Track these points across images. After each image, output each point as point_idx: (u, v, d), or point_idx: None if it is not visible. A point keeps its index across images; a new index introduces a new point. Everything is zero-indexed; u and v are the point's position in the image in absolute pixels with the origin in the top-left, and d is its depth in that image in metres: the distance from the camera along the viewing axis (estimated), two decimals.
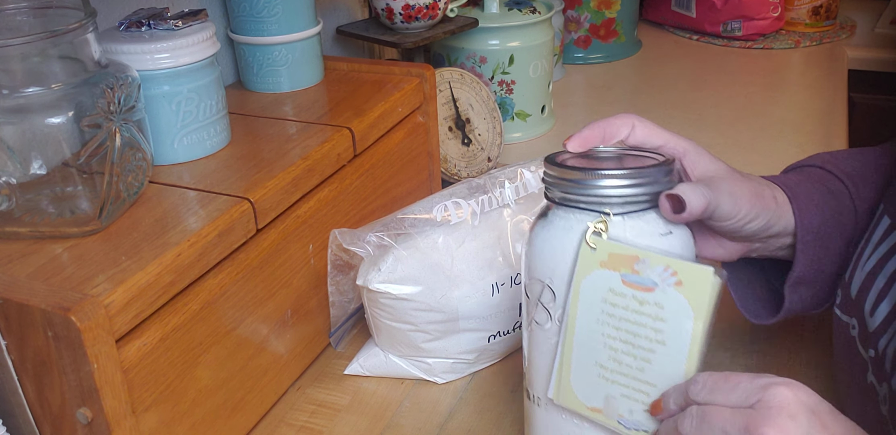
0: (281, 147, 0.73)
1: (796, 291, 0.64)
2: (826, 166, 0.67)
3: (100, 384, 0.51)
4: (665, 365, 0.50)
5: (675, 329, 0.49)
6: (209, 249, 0.60)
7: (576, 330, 0.53)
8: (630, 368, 0.51)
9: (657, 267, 0.49)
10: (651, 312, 0.50)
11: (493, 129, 1.06)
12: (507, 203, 0.74)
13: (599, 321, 0.52)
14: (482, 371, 0.75)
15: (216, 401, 0.63)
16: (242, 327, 0.65)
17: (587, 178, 0.51)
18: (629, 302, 0.50)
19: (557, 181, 0.53)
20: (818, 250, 0.63)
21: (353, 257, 0.73)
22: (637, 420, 0.51)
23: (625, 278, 0.50)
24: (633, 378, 0.51)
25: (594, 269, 0.51)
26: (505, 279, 0.71)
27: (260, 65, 0.86)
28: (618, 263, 0.50)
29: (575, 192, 0.52)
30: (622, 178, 0.51)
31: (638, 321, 0.50)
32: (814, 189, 0.63)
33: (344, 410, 0.71)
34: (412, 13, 0.99)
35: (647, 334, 0.50)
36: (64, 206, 0.58)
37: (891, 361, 0.53)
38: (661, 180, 0.53)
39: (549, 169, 0.54)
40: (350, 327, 0.79)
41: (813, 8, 1.53)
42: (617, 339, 0.51)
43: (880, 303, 0.56)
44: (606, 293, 0.51)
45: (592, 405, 0.53)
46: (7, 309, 0.51)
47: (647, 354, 0.50)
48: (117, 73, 0.60)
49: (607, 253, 0.51)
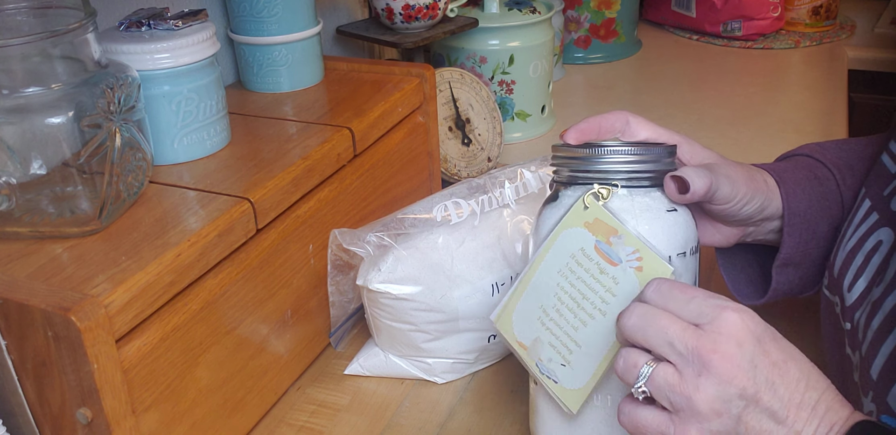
0: (281, 147, 0.73)
1: (783, 273, 0.67)
2: (814, 155, 0.69)
3: (100, 384, 0.51)
4: (597, 334, 0.53)
5: (619, 306, 0.51)
6: (209, 248, 0.60)
7: (537, 271, 0.56)
8: (567, 323, 0.54)
9: (628, 247, 0.52)
10: (606, 283, 0.53)
11: (493, 129, 1.06)
12: (507, 203, 0.74)
13: (560, 273, 0.55)
14: (482, 371, 0.75)
15: (216, 401, 0.63)
16: (242, 327, 0.65)
17: (595, 155, 0.55)
18: (592, 267, 0.53)
19: (567, 161, 0.56)
20: (804, 233, 0.66)
21: (353, 257, 0.73)
22: (551, 369, 0.55)
23: (598, 245, 0.53)
24: (565, 333, 0.54)
25: (577, 226, 0.54)
26: (505, 279, 0.71)
27: (260, 65, 0.86)
28: (599, 229, 0.53)
29: (583, 168, 0.55)
30: (628, 154, 0.54)
31: (592, 287, 0.53)
32: (801, 175, 0.66)
33: (344, 410, 0.71)
34: (412, 13, 0.99)
35: (594, 301, 0.53)
36: (64, 206, 0.58)
37: (863, 331, 0.56)
38: (664, 160, 0.56)
39: (558, 151, 0.57)
40: (350, 327, 0.79)
41: (813, 8, 1.53)
42: (567, 294, 0.54)
43: (857, 279, 0.58)
44: (577, 251, 0.54)
45: (521, 341, 0.57)
46: (7, 309, 0.51)
47: (586, 317, 0.53)
48: (117, 73, 0.60)
49: (594, 217, 0.54)
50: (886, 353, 0.52)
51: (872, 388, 0.53)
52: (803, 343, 0.76)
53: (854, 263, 0.59)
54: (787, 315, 0.80)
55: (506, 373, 0.75)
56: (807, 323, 0.79)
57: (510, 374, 0.75)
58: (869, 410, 0.53)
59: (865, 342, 0.55)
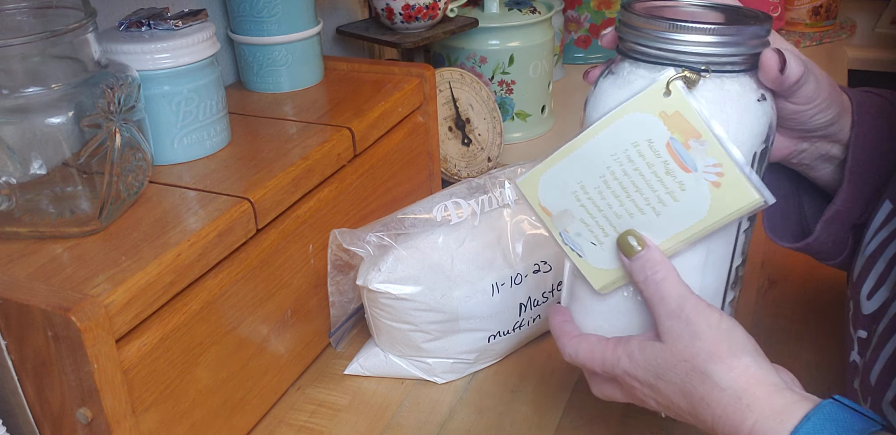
0: (281, 147, 0.73)
1: (827, 229, 0.62)
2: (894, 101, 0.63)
3: (100, 384, 0.51)
4: (642, 228, 0.50)
5: (677, 213, 0.48)
6: (209, 249, 0.60)
7: (584, 146, 0.50)
8: (609, 208, 0.50)
9: (710, 158, 0.46)
10: (670, 186, 0.47)
11: (493, 129, 1.06)
12: (507, 203, 0.74)
13: (615, 157, 0.48)
14: (482, 371, 0.75)
15: (216, 401, 0.63)
16: (242, 327, 0.65)
17: (682, 30, 0.45)
18: (657, 164, 0.47)
19: (641, 33, 0.46)
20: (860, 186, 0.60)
21: (353, 257, 0.73)
22: (577, 242, 0.52)
23: (672, 144, 0.46)
24: (605, 216, 0.50)
25: (650, 112, 0.46)
26: (505, 279, 0.71)
27: (260, 65, 0.86)
28: (678, 125, 0.46)
29: (664, 46, 0.46)
30: (722, 35, 0.45)
31: (651, 183, 0.48)
32: (878, 123, 0.60)
33: (344, 410, 0.71)
34: (412, 13, 0.99)
35: (650, 198, 0.48)
36: (64, 206, 0.58)
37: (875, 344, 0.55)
38: (761, 39, 0.47)
39: (634, 19, 0.47)
40: (350, 327, 0.79)
41: (813, 8, 1.53)
42: (618, 181, 0.49)
43: (879, 288, 0.56)
44: (642, 141, 0.47)
45: (546, 206, 0.53)
46: (7, 309, 0.51)
47: (634, 210, 0.49)
48: (117, 73, 0.60)
49: (675, 109, 0.46)
50: (885, 358, 0.52)
51: (871, 393, 0.52)
52: (802, 343, 0.76)
53: (875, 270, 0.57)
54: (787, 315, 0.80)
55: (506, 373, 0.75)
56: (807, 323, 0.79)
57: (510, 374, 0.75)
58: None
59: (869, 349, 0.54)
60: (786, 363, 0.73)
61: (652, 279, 0.49)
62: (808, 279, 0.85)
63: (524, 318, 0.74)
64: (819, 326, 0.78)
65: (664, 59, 0.46)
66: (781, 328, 0.78)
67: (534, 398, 0.71)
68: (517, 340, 0.75)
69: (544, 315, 0.75)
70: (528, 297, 0.73)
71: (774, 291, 0.84)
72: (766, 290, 0.84)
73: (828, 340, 0.76)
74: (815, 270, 0.86)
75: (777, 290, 0.84)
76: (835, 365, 0.72)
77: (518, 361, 0.76)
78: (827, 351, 0.75)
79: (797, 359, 0.74)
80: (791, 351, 0.75)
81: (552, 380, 0.74)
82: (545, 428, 0.68)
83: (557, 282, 0.74)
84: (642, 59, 0.47)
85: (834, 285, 0.81)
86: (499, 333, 0.73)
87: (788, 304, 0.82)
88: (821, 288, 0.83)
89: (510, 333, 0.74)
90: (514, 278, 0.71)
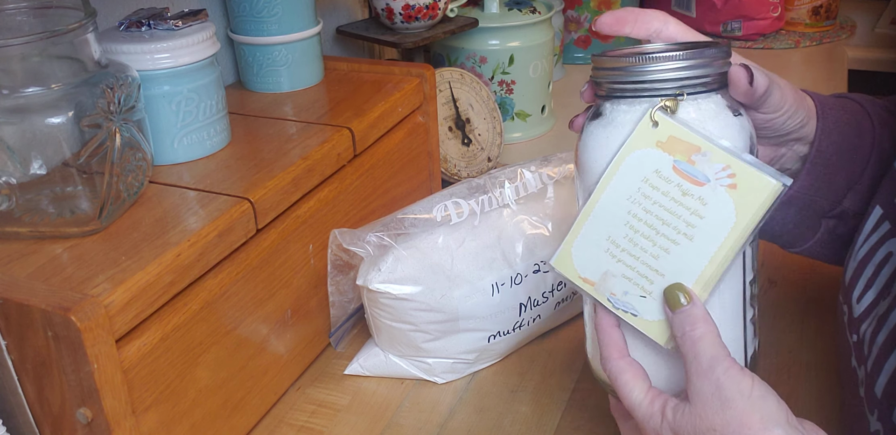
0: (281, 147, 0.73)
1: (783, 210, 0.64)
2: (866, 106, 0.66)
3: (100, 384, 0.51)
4: (684, 260, 0.49)
5: (709, 229, 0.48)
6: (209, 248, 0.60)
7: (599, 201, 0.51)
8: (644, 252, 0.50)
9: (717, 164, 0.47)
10: (691, 205, 0.48)
11: (493, 129, 1.06)
12: (507, 203, 0.74)
13: (631, 199, 0.50)
14: (482, 371, 0.75)
15: (216, 401, 0.63)
16: (242, 327, 0.65)
17: (649, 62, 0.48)
18: (672, 189, 0.49)
19: (615, 72, 0.49)
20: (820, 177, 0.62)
21: (353, 257, 0.73)
22: (628, 302, 0.51)
23: (677, 165, 0.48)
24: (643, 263, 0.50)
25: (647, 146, 0.49)
26: (505, 279, 0.71)
27: (260, 65, 0.86)
28: (676, 147, 0.48)
29: (635, 79, 0.49)
30: (687, 59, 0.48)
31: (673, 210, 0.49)
32: (844, 118, 0.63)
33: (344, 410, 0.71)
34: (412, 13, 0.99)
35: (678, 226, 0.49)
36: (64, 206, 0.58)
37: (868, 346, 0.54)
38: (724, 59, 0.50)
39: (602, 61, 0.50)
40: (350, 327, 0.79)
41: (813, 8, 1.53)
42: (642, 221, 0.50)
43: (867, 291, 0.57)
44: (651, 174, 0.49)
45: (586, 276, 0.52)
46: (7, 309, 0.51)
47: (668, 244, 0.49)
48: (117, 73, 0.60)
49: (668, 134, 0.48)
50: (890, 370, 0.51)
51: (877, 406, 0.52)
52: (802, 344, 0.76)
53: (864, 274, 0.58)
54: (787, 315, 0.80)
55: (506, 373, 0.75)
56: (807, 323, 0.79)
57: (510, 374, 0.75)
58: (875, 428, 0.52)
59: (871, 358, 0.54)
60: (786, 363, 0.74)
61: (689, 335, 0.48)
62: (808, 279, 0.85)
63: (524, 318, 0.74)
64: (819, 327, 0.78)
65: (641, 91, 0.49)
66: (781, 328, 0.78)
67: (534, 398, 0.71)
68: (517, 340, 0.75)
69: (544, 315, 0.75)
70: (528, 297, 0.73)
71: (774, 291, 0.84)
72: (766, 290, 0.84)
73: (828, 340, 0.76)
74: (815, 269, 0.86)
75: (777, 290, 0.84)
76: (834, 366, 0.72)
77: (518, 361, 0.76)
78: (827, 352, 0.75)
79: (797, 359, 0.74)
80: (791, 351, 0.75)
81: (552, 380, 0.74)
82: (545, 428, 0.68)
83: (557, 282, 0.74)
84: (621, 96, 0.50)
85: (834, 285, 0.81)
86: (499, 333, 0.73)
87: (788, 304, 0.82)
88: (821, 288, 0.83)
89: (510, 333, 0.74)
90: (514, 278, 0.71)
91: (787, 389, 0.70)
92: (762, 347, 0.76)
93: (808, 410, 0.67)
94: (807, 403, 0.69)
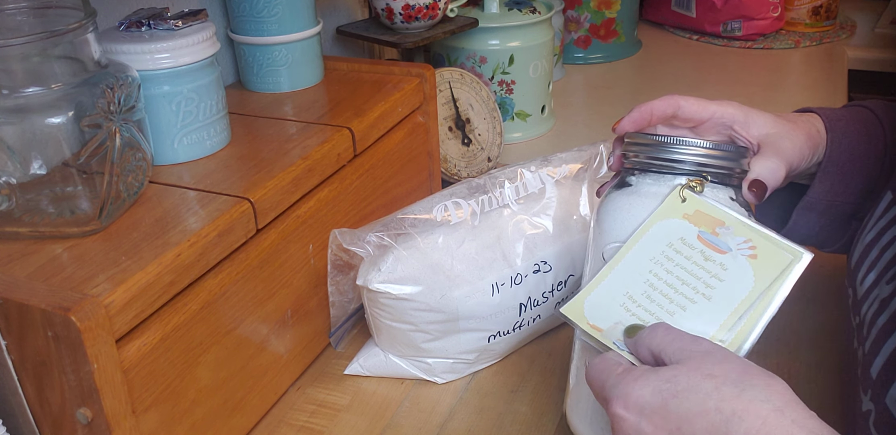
0: (281, 147, 0.73)
1: (804, 216, 0.68)
2: (876, 111, 0.70)
3: (100, 384, 0.51)
4: (699, 318, 0.52)
5: (727, 291, 0.51)
6: (209, 249, 0.60)
7: (623, 260, 0.55)
8: (660, 308, 0.53)
9: (738, 237, 0.52)
10: (712, 269, 0.52)
11: (493, 129, 1.06)
12: (507, 203, 0.74)
13: (654, 260, 0.54)
14: (482, 371, 0.75)
15: (216, 401, 0.63)
16: (242, 327, 0.65)
17: (679, 144, 0.55)
18: (694, 254, 0.53)
19: (649, 148, 0.56)
20: (836, 183, 0.67)
21: (353, 257, 0.73)
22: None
23: (702, 235, 0.53)
24: (657, 318, 0.53)
25: (675, 217, 0.54)
26: (505, 279, 0.71)
27: (260, 65, 0.86)
28: (702, 220, 0.53)
29: (665, 157, 0.55)
30: (712, 148, 0.55)
31: (694, 272, 0.53)
32: (853, 128, 0.67)
33: (344, 410, 0.71)
34: (412, 13, 0.99)
35: (697, 286, 0.52)
36: (64, 206, 0.58)
37: (868, 327, 0.56)
38: (742, 159, 0.57)
39: (641, 138, 0.57)
40: (350, 327, 0.79)
41: (813, 8, 1.53)
42: (662, 280, 0.53)
43: (869, 272, 0.59)
44: (676, 240, 0.54)
45: (594, 323, 0.55)
46: (7, 309, 0.51)
47: (685, 302, 0.52)
48: (117, 73, 0.60)
49: (695, 209, 0.54)
50: (888, 352, 0.52)
51: (871, 386, 0.53)
52: (802, 342, 0.76)
53: (869, 257, 0.59)
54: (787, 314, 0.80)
55: (506, 373, 0.75)
56: (807, 321, 0.79)
57: (510, 374, 0.75)
58: (867, 408, 0.53)
59: (869, 339, 0.55)
60: (786, 362, 0.74)
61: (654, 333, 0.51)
62: (809, 278, 0.85)
63: (524, 318, 0.74)
64: (819, 325, 0.78)
65: (669, 169, 0.56)
66: (781, 327, 0.78)
67: (534, 398, 0.71)
68: (517, 340, 0.75)
69: (544, 315, 0.75)
70: (528, 297, 0.73)
71: None
72: None
73: (828, 338, 0.76)
74: (815, 268, 0.85)
75: None
76: (835, 365, 0.72)
77: (518, 361, 0.76)
78: (827, 350, 0.75)
79: (797, 357, 0.74)
80: (791, 350, 0.75)
81: (552, 380, 0.74)
82: (545, 428, 0.68)
83: (557, 282, 0.74)
84: (648, 169, 0.57)
85: (835, 283, 0.81)
86: (499, 333, 0.73)
87: (789, 303, 0.82)
88: (821, 287, 0.83)
89: (510, 333, 0.74)
90: (514, 278, 0.71)
91: None
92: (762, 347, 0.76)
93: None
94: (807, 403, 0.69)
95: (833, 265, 0.79)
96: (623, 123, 0.61)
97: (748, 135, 0.63)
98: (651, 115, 0.61)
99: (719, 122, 0.64)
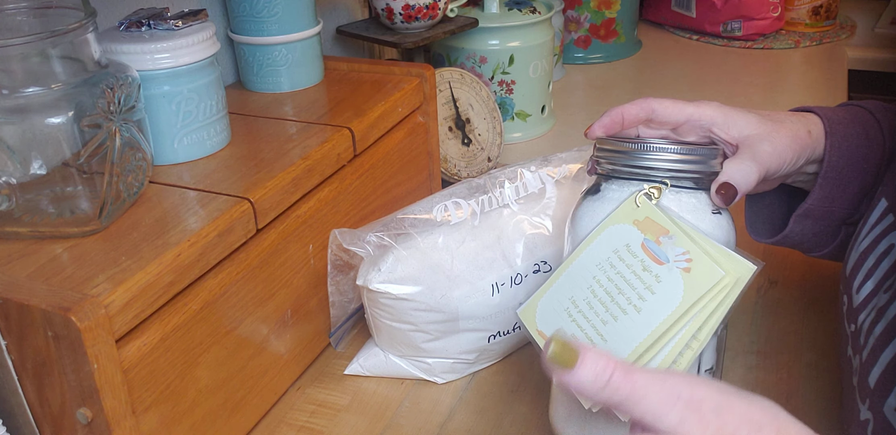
0: (281, 147, 0.73)
1: (801, 223, 0.67)
2: (876, 114, 0.69)
3: (100, 384, 0.51)
4: (626, 329, 0.51)
5: (656, 304, 0.51)
6: (209, 249, 0.60)
7: (573, 264, 0.55)
8: (596, 316, 0.53)
9: (678, 248, 0.51)
10: (647, 280, 0.51)
11: (493, 129, 1.06)
12: (507, 203, 0.74)
13: (599, 266, 0.54)
14: (482, 371, 0.75)
15: (216, 401, 0.63)
16: (242, 327, 0.65)
17: (644, 150, 0.54)
18: (635, 263, 0.52)
19: (611, 154, 0.56)
20: (835, 190, 0.66)
21: (353, 257, 0.73)
22: None
23: (646, 243, 0.52)
24: (592, 326, 0.53)
25: (625, 222, 0.54)
26: (505, 279, 0.71)
27: (260, 65, 0.86)
28: (649, 227, 0.53)
29: (629, 163, 0.55)
30: (676, 153, 0.54)
31: (631, 282, 0.52)
32: (853, 131, 0.66)
33: (344, 410, 0.71)
34: (412, 13, 0.99)
35: (630, 297, 0.52)
36: (64, 206, 0.58)
37: (865, 336, 0.55)
38: (711, 161, 0.56)
39: (604, 143, 0.57)
40: (350, 327, 0.79)
41: (813, 8, 1.53)
42: (602, 288, 0.53)
43: (866, 281, 0.58)
44: (621, 247, 0.53)
45: (542, 330, 0.56)
46: (7, 309, 0.51)
47: (618, 312, 0.52)
48: (117, 73, 0.60)
49: (645, 215, 0.53)
50: (885, 361, 0.52)
51: (869, 395, 0.52)
52: (802, 343, 0.76)
53: (865, 265, 0.59)
54: (787, 315, 0.80)
55: (506, 373, 0.75)
56: (807, 322, 0.79)
57: (510, 374, 0.75)
58: (865, 417, 0.52)
59: (867, 348, 0.54)
60: (786, 363, 0.74)
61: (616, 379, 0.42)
62: (808, 279, 0.85)
63: None
64: (819, 326, 0.78)
65: (633, 175, 0.55)
66: (781, 328, 0.78)
67: (534, 398, 0.71)
68: (517, 340, 0.75)
69: None
70: (528, 297, 0.73)
71: (774, 291, 0.84)
72: (766, 290, 0.84)
73: (828, 339, 0.76)
74: (814, 269, 0.86)
75: (777, 290, 0.84)
76: (835, 365, 0.72)
77: (518, 361, 0.76)
78: (827, 351, 0.75)
79: (797, 358, 0.74)
80: (791, 350, 0.75)
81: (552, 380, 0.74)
82: (545, 428, 0.68)
83: None
84: (615, 175, 0.56)
85: (834, 285, 0.81)
86: (499, 333, 0.73)
87: (788, 304, 0.82)
88: (821, 288, 0.83)
89: (510, 333, 0.74)
90: (514, 278, 0.71)
91: (787, 388, 0.70)
92: (763, 347, 0.76)
93: (808, 411, 0.67)
94: (807, 403, 0.69)
95: (833, 265, 0.79)
96: (593, 128, 0.60)
97: (728, 136, 0.61)
98: (623, 119, 0.60)
99: (697, 124, 0.62)
